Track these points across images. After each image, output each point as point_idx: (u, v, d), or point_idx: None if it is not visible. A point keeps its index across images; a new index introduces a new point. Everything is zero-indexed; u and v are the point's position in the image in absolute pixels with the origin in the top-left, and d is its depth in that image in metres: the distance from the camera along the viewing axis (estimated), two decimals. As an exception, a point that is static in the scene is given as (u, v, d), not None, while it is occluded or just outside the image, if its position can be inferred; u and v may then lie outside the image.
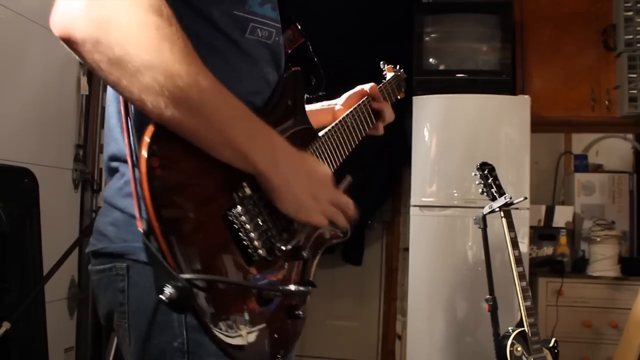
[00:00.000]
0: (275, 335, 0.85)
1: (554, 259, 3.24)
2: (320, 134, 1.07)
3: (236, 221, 0.79)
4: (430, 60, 3.33)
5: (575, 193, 3.43)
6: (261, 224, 0.82)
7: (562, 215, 3.35)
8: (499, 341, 2.09)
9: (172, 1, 0.75)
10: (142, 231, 0.70)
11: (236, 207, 0.79)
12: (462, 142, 3.03)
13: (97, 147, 3.00)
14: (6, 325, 1.91)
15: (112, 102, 0.91)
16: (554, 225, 3.33)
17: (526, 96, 3.09)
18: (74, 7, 0.69)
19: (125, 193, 0.85)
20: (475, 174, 2.31)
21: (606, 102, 3.28)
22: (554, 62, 3.35)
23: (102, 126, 2.80)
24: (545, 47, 3.36)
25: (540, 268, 3.18)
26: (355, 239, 3.88)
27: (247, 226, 0.80)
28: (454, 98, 3.10)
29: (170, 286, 0.67)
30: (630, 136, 3.60)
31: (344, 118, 1.15)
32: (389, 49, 3.50)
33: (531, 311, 2.08)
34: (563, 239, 3.28)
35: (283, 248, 0.85)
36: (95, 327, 2.92)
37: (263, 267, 0.84)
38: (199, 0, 0.87)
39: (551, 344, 2.13)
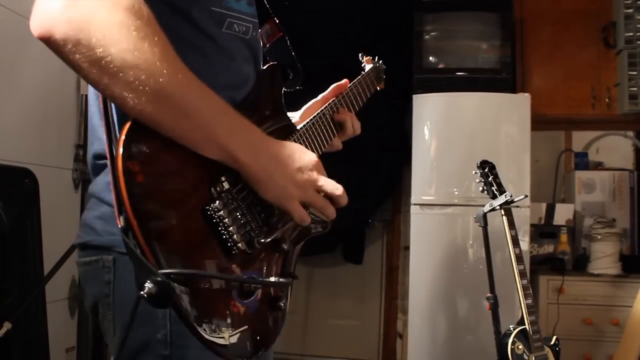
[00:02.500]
0: (258, 328, 0.85)
1: (555, 257, 3.24)
2: (299, 127, 1.07)
3: (215, 215, 0.80)
4: (430, 58, 3.33)
5: (575, 191, 3.43)
6: (240, 217, 0.83)
7: (563, 213, 3.35)
8: (500, 339, 2.09)
9: (150, 1, 0.75)
10: (120, 227, 0.71)
11: (215, 201, 0.80)
12: (463, 141, 3.03)
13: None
14: (7, 325, 1.91)
15: (93, 102, 0.93)
16: (555, 223, 3.33)
17: (526, 94, 3.08)
18: (53, 8, 0.70)
19: None
20: (475, 172, 2.31)
21: (606, 100, 3.28)
22: (554, 60, 3.35)
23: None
24: (545, 45, 3.36)
25: (541, 266, 3.18)
26: (356, 238, 3.88)
27: (226, 220, 0.81)
28: (454, 96, 3.09)
29: (150, 282, 0.68)
30: (630, 133, 3.60)
31: (322, 111, 1.14)
32: (389, 47, 3.50)
33: (532, 309, 2.08)
34: (564, 237, 3.28)
35: (262, 241, 0.86)
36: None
37: (243, 260, 0.85)
38: None
39: (552, 342, 2.12)
